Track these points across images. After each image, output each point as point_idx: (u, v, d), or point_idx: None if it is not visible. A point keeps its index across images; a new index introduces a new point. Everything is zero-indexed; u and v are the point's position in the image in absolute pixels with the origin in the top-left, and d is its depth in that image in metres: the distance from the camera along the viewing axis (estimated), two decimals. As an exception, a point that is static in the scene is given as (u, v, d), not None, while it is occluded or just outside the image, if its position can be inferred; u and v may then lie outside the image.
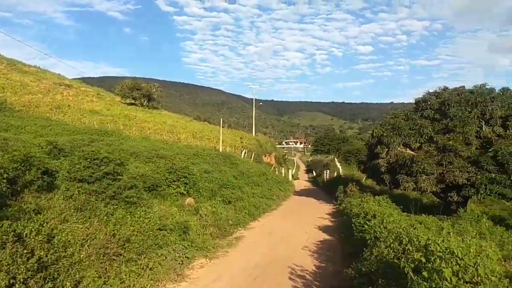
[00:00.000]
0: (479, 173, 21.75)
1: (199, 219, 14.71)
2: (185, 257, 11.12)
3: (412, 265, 5.57)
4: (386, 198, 20.11)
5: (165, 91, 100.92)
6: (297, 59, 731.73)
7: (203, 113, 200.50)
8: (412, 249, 8.50)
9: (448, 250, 5.31)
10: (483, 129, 23.50)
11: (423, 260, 5.41)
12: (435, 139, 23.82)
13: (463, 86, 25.64)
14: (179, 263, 10.65)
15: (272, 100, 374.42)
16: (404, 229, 9.21)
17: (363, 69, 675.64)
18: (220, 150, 38.44)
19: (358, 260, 9.72)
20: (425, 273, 4.89)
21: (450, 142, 22.41)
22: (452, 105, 24.03)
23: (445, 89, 25.79)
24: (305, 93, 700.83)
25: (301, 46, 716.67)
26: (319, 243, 15.18)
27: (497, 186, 21.30)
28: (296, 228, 18.32)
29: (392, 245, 8.87)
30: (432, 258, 5.31)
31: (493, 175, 21.40)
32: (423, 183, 22.32)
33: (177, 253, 10.92)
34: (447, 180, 22.03)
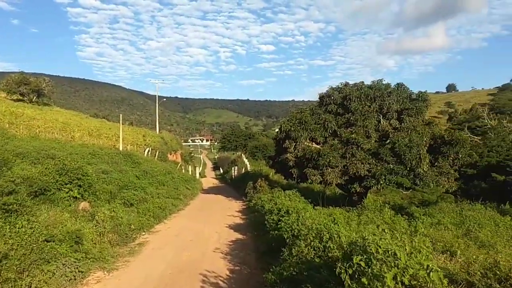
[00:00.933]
0: (379, 164, 22.77)
1: (95, 226, 12.94)
2: (78, 271, 9.53)
3: (351, 271, 4.90)
4: (296, 192, 20.02)
5: (59, 87, 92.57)
6: (201, 56, 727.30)
7: (101, 110, 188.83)
8: (334, 247, 8.03)
9: (389, 252, 4.73)
10: (381, 122, 24.73)
11: (363, 264, 4.76)
12: (338, 133, 24.48)
13: (362, 82, 26.77)
14: (71, 279, 9.06)
15: (177, 97, 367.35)
16: (325, 225, 8.71)
17: (266, 68, 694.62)
18: (121, 148, 35.77)
19: (277, 262, 9.03)
20: (364, 280, 4.26)
21: (353, 136, 23.13)
22: (353, 99, 24.89)
23: (346, 84, 26.68)
24: (210, 90, 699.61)
25: (205, 43, 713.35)
26: (231, 243, 14.35)
27: (395, 176, 22.48)
28: (205, 228, 17.29)
29: (312, 243, 8.31)
30: (374, 262, 4.68)
31: (392, 166, 22.54)
32: (329, 175, 22.75)
33: (68, 267, 9.32)
34: (351, 172, 22.73)
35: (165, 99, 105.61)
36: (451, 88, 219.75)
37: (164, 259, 11.88)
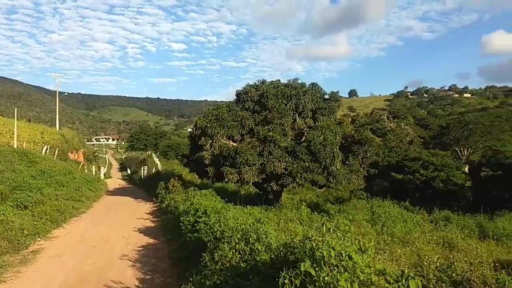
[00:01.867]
0: (295, 162, 22.71)
1: (-23, 234, 10.75)
2: None
3: (297, 281, 4.05)
4: (212, 191, 19.06)
5: None
6: (107, 51, 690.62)
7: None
8: (262, 249, 7.23)
9: (344, 255, 4.00)
10: (297, 121, 24.80)
11: (313, 272, 3.95)
12: (256, 130, 23.99)
13: (279, 80, 26.67)
14: None
15: (80, 93, 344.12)
16: (252, 225, 7.87)
17: (177, 66, 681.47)
18: (15, 146, 31.82)
19: (196, 269, 7.97)
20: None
21: (270, 133, 22.80)
22: (270, 97, 24.61)
23: (263, 82, 26.36)
24: (117, 87, 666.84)
25: (111, 38, 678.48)
26: (141, 249, 12.90)
27: (311, 174, 22.59)
28: (111, 233, 15.53)
29: (238, 246, 7.41)
30: (325, 268, 3.91)
31: (307, 164, 22.60)
32: (247, 174, 22.14)
33: None
34: (268, 170, 22.36)
35: (66, 94, 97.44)
36: (352, 93, 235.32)
37: (63, 269, 10.20)
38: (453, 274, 4.72)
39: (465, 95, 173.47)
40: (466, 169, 47.15)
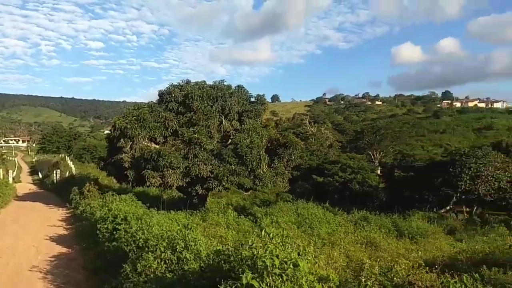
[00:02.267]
0: (222, 165, 22.28)
1: None
2: None
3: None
4: (132, 196, 17.96)
5: None
6: (19, 48, 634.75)
7: None
8: (191, 257, 6.69)
9: (289, 263, 3.64)
10: (223, 123, 24.41)
11: (256, 285, 3.54)
12: (180, 132, 23.18)
13: (204, 81, 26.08)
14: None
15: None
16: (179, 232, 7.28)
17: (94, 65, 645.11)
18: None
19: (116, 281, 7.20)
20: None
21: (195, 135, 22.13)
22: (196, 98, 23.94)
23: (188, 82, 25.60)
24: (28, 86, 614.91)
25: (23, 34, 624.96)
26: (53, 259, 11.64)
27: (237, 177, 22.31)
28: (19, 242, 13.92)
29: (163, 255, 6.80)
30: (268, 280, 3.51)
31: (234, 166, 22.29)
32: (170, 177, 21.25)
33: None
34: (193, 173, 21.67)
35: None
36: (275, 98, 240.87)
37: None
38: (395, 278, 4.63)
39: (377, 102, 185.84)
40: (379, 171, 50.22)
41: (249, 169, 22.62)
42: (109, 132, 25.98)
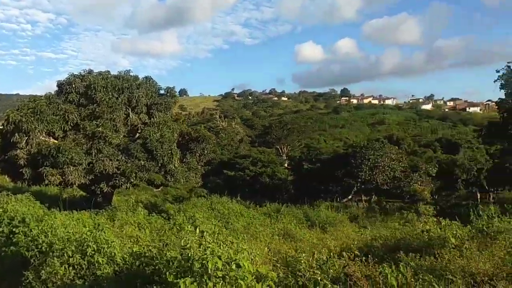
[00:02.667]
0: (129, 160, 21.05)
1: None
2: None
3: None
4: (29, 195, 16.04)
5: None
6: None
7: None
8: (104, 261, 5.96)
9: (232, 264, 3.22)
10: (130, 116, 23.05)
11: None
12: (82, 126, 21.37)
13: (109, 71, 24.37)
14: None
15: None
16: (89, 233, 6.45)
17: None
18: None
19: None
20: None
21: (99, 129, 20.56)
22: (99, 89, 22.26)
23: (90, 72, 23.74)
24: None
25: None
26: None
27: (147, 173, 21.25)
28: None
29: (72, 259, 5.97)
30: (210, 284, 3.07)
31: (143, 162, 21.18)
32: (71, 174, 19.53)
33: None
34: (97, 170, 20.16)
35: None
36: (182, 92, 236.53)
37: None
38: (330, 270, 4.50)
39: (283, 98, 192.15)
40: (286, 165, 51.94)
41: (159, 165, 21.66)
42: (1, 126, 23.06)
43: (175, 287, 3.26)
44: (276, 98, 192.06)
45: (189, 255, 3.53)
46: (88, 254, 6.12)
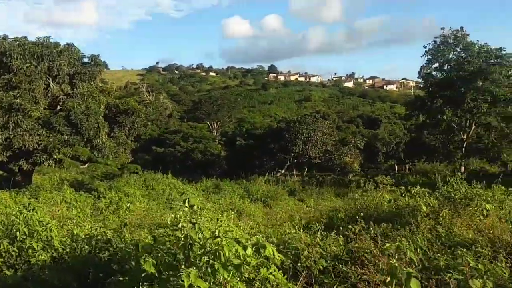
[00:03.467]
0: (51, 135, 19.14)
1: None
2: None
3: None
4: None
5: None
6: None
7: None
8: (39, 246, 5.01)
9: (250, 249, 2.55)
10: (51, 86, 20.88)
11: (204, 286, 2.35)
12: (-5, 96, 18.94)
13: (26, 37, 21.80)
14: None
15: None
16: (18, 215, 5.40)
17: None
18: None
19: None
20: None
21: (17, 101, 18.33)
22: (15, 57, 19.85)
23: (5, 37, 21.05)
24: None
25: None
26: None
27: (71, 149, 19.50)
28: None
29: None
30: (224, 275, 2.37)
31: (66, 136, 19.38)
32: (-16, 152, 17.27)
33: None
34: (15, 146, 18.06)
35: None
36: (103, 65, 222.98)
37: None
38: (333, 247, 4.05)
39: (211, 73, 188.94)
40: (218, 140, 51.28)
41: (85, 139, 19.98)
42: None
43: (151, 278, 2.55)
44: (204, 74, 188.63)
45: (184, 236, 2.79)
46: (18, 239, 5.11)
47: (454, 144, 31.56)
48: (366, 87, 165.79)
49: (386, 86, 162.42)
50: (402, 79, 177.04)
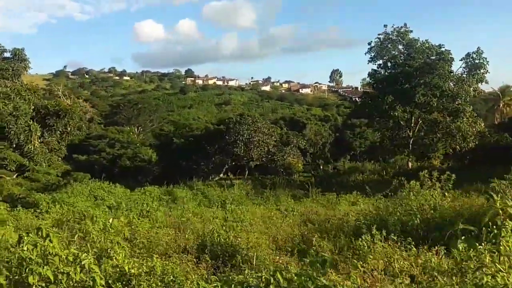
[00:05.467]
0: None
1: None
2: None
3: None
4: None
5: None
6: None
7: None
8: None
9: None
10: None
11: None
12: None
13: None
14: None
15: None
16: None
17: None
18: None
19: None
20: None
21: None
22: None
23: None
24: None
25: None
26: None
27: (-3, 157, 16.35)
28: None
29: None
30: None
31: (-11, 143, 16.23)
32: None
33: None
34: None
35: None
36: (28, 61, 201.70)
37: None
38: None
39: (125, 77, 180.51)
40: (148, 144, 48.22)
41: (14, 145, 16.93)
42: None
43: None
44: (117, 78, 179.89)
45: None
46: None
47: (400, 141, 32.47)
48: (283, 91, 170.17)
49: (302, 90, 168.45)
50: (315, 83, 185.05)
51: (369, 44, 31.79)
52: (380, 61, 31.69)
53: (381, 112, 31.05)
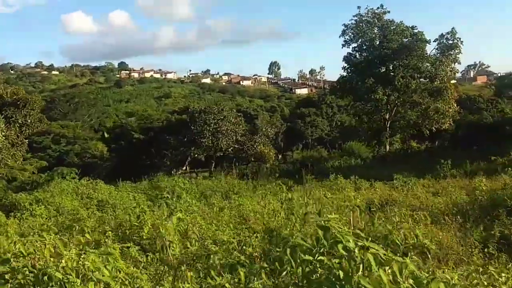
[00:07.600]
0: None
1: None
2: None
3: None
4: None
5: None
6: None
7: None
8: None
9: None
10: None
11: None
12: None
13: None
14: None
15: None
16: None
17: None
18: None
19: None
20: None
21: None
22: None
23: None
24: None
25: None
26: None
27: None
28: None
29: None
30: None
31: None
32: None
33: None
34: None
35: None
36: None
37: None
38: None
39: (54, 72, 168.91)
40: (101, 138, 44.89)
41: (-28, 139, 14.26)
42: None
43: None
44: (45, 72, 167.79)
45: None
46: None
47: (378, 124, 32.15)
48: (223, 83, 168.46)
49: (242, 82, 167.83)
50: (254, 75, 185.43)
51: (345, 25, 31.13)
52: (355, 44, 31.29)
53: (360, 96, 30.80)
